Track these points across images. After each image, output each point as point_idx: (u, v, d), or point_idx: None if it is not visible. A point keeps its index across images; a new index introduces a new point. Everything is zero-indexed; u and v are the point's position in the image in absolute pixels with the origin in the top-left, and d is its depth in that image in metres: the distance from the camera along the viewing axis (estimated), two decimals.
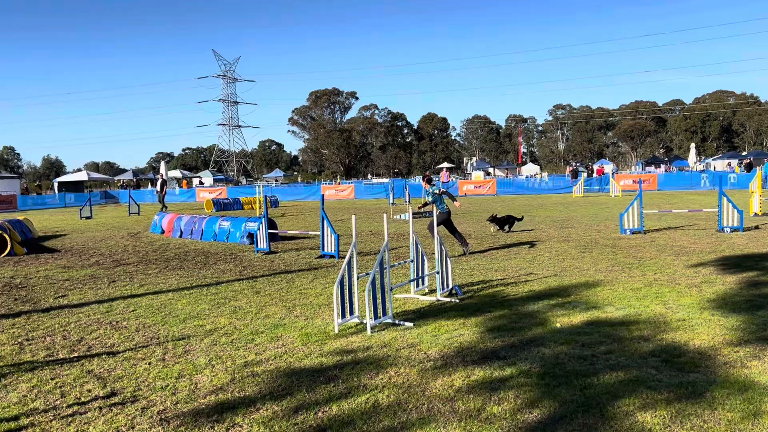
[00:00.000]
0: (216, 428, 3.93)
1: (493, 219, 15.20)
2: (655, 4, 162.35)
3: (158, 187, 33.60)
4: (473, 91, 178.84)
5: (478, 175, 62.50)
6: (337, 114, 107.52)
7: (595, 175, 47.73)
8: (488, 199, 35.12)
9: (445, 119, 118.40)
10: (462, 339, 5.79)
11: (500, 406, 4.11)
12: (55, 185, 61.29)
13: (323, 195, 13.30)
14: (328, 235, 11.90)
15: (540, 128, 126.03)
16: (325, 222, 11.91)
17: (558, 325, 6.18)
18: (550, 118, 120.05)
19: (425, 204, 12.21)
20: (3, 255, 13.40)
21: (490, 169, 78.24)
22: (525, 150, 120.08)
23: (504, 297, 7.64)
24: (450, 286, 7.85)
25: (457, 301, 7.45)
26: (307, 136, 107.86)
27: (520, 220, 15.67)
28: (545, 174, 67.71)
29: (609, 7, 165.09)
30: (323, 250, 11.99)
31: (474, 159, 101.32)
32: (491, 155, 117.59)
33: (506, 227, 15.24)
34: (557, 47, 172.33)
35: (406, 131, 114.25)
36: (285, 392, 4.53)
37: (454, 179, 53.21)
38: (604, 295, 7.54)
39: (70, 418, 4.18)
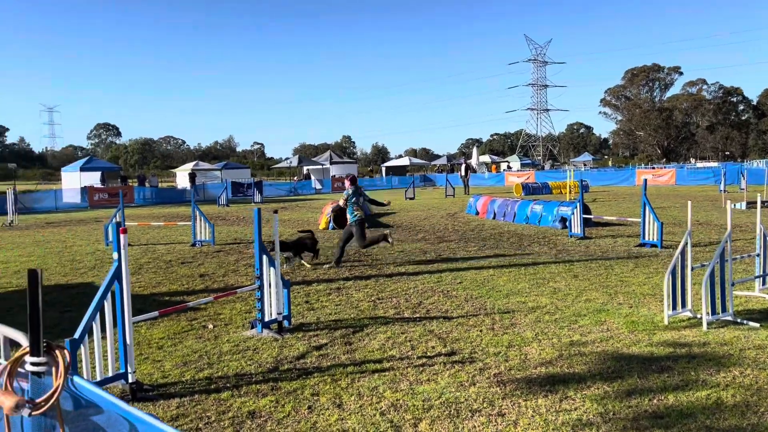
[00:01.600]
0: (549, 397, 4.17)
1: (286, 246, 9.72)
2: None
3: (462, 172, 35.54)
4: None
5: None
6: (656, 92, 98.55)
7: None
8: None
9: None
10: None
11: None
12: (383, 170, 69.63)
13: (645, 180, 12.49)
14: (649, 223, 11.21)
15: None
16: (648, 208, 11.23)
17: None
18: None
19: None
20: None
21: None
22: None
23: None
24: None
25: None
26: (620, 118, 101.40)
27: (313, 246, 10.27)
28: None
29: None
30: (643, 238, 11.34)
31: None
32: None
33: (302, 256, 10.09)
34: None
35: (741, 108, 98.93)
36: (615, 375, 4.55)
37: None
38: None
39: (421, 368, 4.88)
